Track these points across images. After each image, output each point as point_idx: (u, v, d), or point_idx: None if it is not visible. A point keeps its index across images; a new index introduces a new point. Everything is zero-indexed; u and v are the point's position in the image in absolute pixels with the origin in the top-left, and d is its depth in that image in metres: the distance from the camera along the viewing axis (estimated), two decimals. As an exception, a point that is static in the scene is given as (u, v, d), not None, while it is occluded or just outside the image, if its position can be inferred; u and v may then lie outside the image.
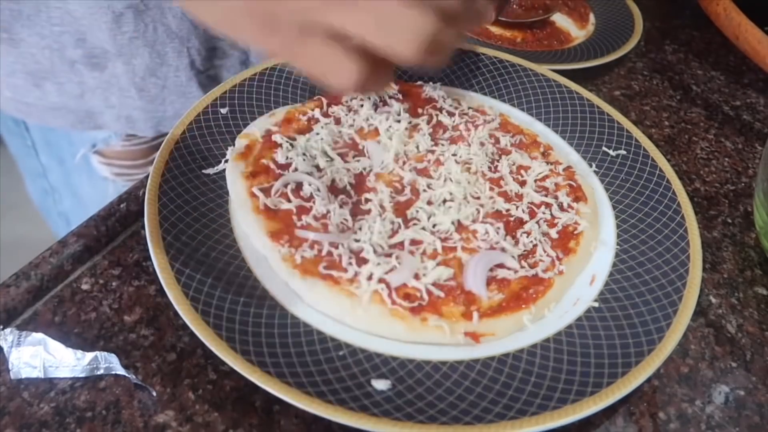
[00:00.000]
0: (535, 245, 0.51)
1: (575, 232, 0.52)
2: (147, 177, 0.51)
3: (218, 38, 0.69)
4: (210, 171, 0.53)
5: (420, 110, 0.63)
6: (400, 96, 0.63)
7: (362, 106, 0.61)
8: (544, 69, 0.69)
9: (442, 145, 0.59)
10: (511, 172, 0.57)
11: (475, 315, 0.45)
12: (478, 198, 0.55)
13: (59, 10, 0.63)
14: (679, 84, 0.78)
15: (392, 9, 0.31)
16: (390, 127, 0.59)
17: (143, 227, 0.47)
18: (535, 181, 0.57)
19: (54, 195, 0.85)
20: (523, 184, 0.56)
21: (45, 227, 0.94)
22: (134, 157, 0.78)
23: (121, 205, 0.53)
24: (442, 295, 0.46)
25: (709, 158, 0.67)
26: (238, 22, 0.34)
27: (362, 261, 0.47)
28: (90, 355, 0.42)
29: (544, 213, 0.54)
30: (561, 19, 0.86)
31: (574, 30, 0.84)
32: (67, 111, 0.71)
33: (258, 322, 0.43)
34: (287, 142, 0.56)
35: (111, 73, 0.68)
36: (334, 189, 0.53)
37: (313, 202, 0.51)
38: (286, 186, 0.52)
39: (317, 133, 0.57)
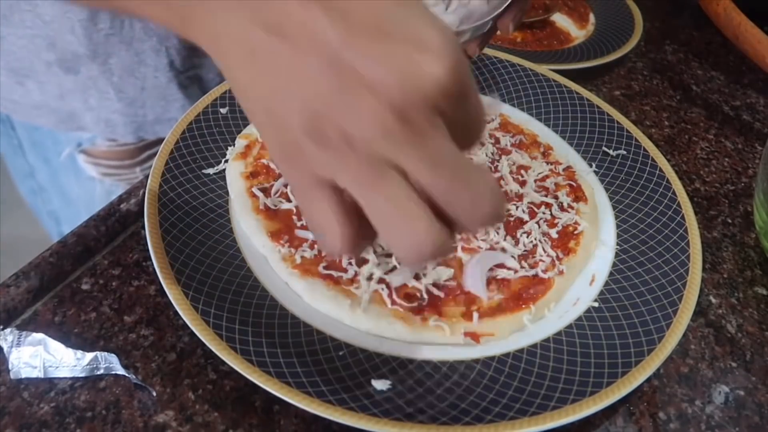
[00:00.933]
0: (535, 245, 0.51)
1: (575, 232, 0.52)
2: (147, 177, 0.51)
3: None
4: (210, 171, 0.53)
5: (420, 110, 0.63)
6: (400, 96, 0.63)
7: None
8: (544, 69, 0.69)
9: (442, 145, 0.59)
10: (511, 172, 0.57)
11: (475, 315, 0.45)
12: (478, 198, 0.55)
13: (30, 13, 0.62)
14: (679, 84, 0.78)
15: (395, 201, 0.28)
16: (390, 127, 0.59)
17: (143, 227, 0.47)
18: (535, 181, 0.57)
19: (42, 195, 0.85)
20: (523, 184, 0.56)
21: (45, 228, 0.94)
22: (121, 157, 0.77)
23: (121, 205, 0.53)
24: (442, 295, 0.46)
25: (709, 158, 0.67)
26: (269, 143, 0.31)
27: (362, 261, 0.47)
28: (90, 355, 0.42)
29: (544, 213, 0.54)
30: (561, 19, 0.86)
31: (574, 30, 0.84)
32: (49, 110, 0.71)
33: (258, 323, 0.43)
34: (287, 142, 0.56)
35: (87, 76, 0.67)
36: (334, 189, 0.53)
37: (313, 202, 0.51)
38: (286, 186, 0.52)
39: (317, 133, 0.57)
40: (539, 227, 0.52)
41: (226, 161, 0.54)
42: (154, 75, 0.69)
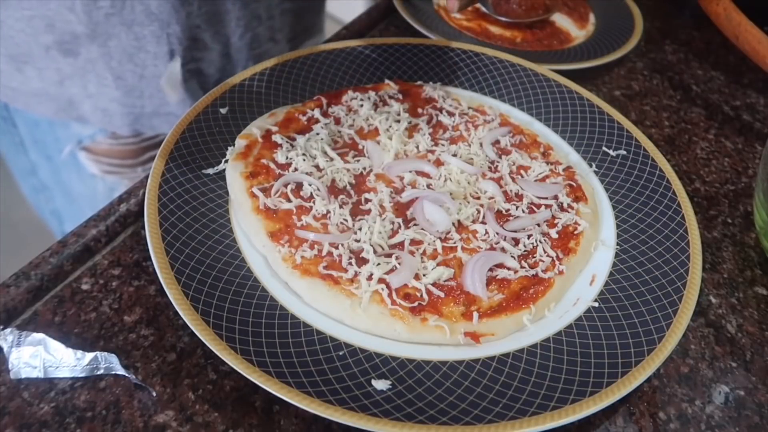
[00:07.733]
0: (535, 245, 0.51)
1: (575, 232, 0.52)
2: (147, 177, 0.51)
3: (200, 28, 0.67)
4: (210, 171, 0.53)
5: (420, 110, 0.63)
6: (400, 96, 0.63)
7: (362, 106, 0.61)
8: (544, 69, 0.69)
9: (442, 145, 0.59)
10: (511, 173, 0.57)
11: (475, 315, 0.45)
12: (478, 198, 0.55)
13: None
14: (679, 84, 0.78)
15: None
16: (390, 127, 0.59)
17: (143, 227, 0.47)
18: (535, 181, 0.57)
19: (45, 193, 0.85)
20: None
21: (45, 227, 0.94)
22: (122, 155, 0.77)
23: (121, 205, 0.53)
24: (442, 295, 0.46)
25: (709, 158, 0.67)
26: None
27: (362, 261, 0.47)
28: (90, 355, 0.42)
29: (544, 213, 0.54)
30: (561, 19, 0.86)
31: (574, 30, 0.84)
32: (48, 98, 0.71)
33: (258, 323, 0.43)
34: (287, 142, 0.56)
35: (86, 58, 0.67)
36: (334, 189, 0.53)
37: (313, 202, 0.51)
38: (286, 186, 0.52)
39: (317, 133, 0.57)
40: (539, 227, 0.52)
41: (226, 161, 0.54)
42: (153, 63, 0.68)
